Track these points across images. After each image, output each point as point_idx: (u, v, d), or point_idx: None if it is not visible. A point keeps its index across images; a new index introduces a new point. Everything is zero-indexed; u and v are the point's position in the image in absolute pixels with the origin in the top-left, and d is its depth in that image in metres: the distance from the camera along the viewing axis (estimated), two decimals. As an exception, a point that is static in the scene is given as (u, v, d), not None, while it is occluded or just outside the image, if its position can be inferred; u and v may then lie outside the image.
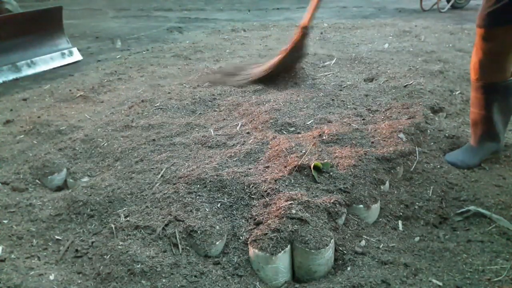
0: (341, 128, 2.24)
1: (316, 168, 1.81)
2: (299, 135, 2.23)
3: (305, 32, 3.22)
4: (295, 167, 1.83)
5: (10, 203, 1.87)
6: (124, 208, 1.75)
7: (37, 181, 2.11)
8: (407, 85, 2.92)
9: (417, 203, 1.77)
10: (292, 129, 2.35)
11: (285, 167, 1.87)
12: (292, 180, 1.79)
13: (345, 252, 1.51)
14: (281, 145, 2.07)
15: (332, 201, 1.63)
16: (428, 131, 2.25)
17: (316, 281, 1.45)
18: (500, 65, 1.89)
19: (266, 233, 1.50)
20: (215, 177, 1.85)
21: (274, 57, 3.34)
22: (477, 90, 1.98)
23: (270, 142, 2.16)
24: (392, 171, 1.90)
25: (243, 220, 1.65)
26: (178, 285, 1.38)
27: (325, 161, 1.87)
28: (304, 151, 1.97)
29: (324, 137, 2.14)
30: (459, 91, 2.89)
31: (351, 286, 1.35)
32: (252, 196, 1.75)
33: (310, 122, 2.41)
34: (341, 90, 3.01)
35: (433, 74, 3.16)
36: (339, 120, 2.42)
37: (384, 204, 1.75)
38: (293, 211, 1.55)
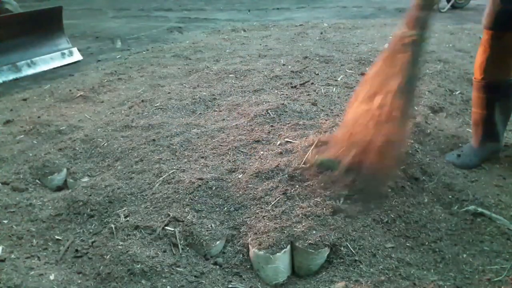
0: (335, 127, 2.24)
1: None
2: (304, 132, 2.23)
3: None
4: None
5: (10, 203, 1.87)
6: (124, 208, 1.75)
7: (37, 181, 2.11)
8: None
9: (417, 203, 1.77)
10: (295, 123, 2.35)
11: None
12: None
13: (344, 249, 1.50)
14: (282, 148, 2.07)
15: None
16: (428, 131, 2.25)
17: (316, 276, 1.45)
18: (507, 63, 1.89)
19: (266, 233, 1.50)
20: (215, 177, 1.85)
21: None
22: (480, 90, 1.97)
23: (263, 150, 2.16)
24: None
25: (243, 220, 1.65)
26: (178, 285, 1.39)
27: (328, 158, 1.88)
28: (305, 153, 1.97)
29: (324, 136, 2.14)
30: (459, 91, 2.89)
31: (352, 283, 1.35)
32: (251, 197, 1.76)
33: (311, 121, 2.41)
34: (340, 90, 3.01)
35: (433, 74, 3.16)
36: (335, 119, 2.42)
37: (384, 203, 1.75)
38: (293, 213, 1.56)
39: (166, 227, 1.58)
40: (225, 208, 1.73)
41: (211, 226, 1.60)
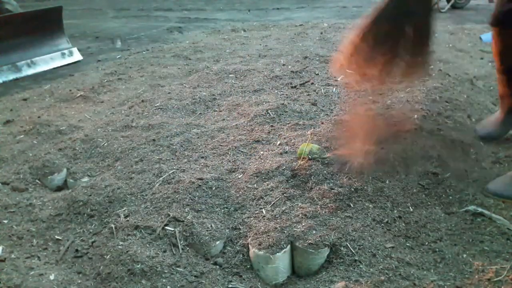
0: (335, 127, 2.24)
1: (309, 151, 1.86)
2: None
3: None
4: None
5: (10, 203, 1.87)
6: (124, 208, 1.75)
7: (37, 181, 2.11)
8: (407, 85, 2.91)
9: (417, 203, 1.77)
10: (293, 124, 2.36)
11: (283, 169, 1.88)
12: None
13: (344, 249, 1.51)
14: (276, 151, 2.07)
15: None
16: (428, 131, 2.25)
17: (316, 276, 1.45)
18: None
19: (266, 233, 1.50)
20: (215, 177, 1.85)
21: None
22: (500, 72, 2.14)
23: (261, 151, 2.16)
24: (393, 170, 1.90)
25: (243, 220, 1.65)
26: (178, 285, 1.39)
27: (319, 147, 1.91)
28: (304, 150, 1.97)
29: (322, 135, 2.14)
30: (459, 91, 2.89)
31: (352, 283, 1.35)
32: (251, 197, 1.76)
33: (308, 121, 2.41)
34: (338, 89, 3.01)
35: (433, 74, 3.16)
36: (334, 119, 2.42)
37: (384, 203, 1.75)
38: (293, 213, 1.56)
39: (166, 227, 1.59)
40: (225, 208, 1.73)
41: (211, 226, 1.60)
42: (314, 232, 1.51)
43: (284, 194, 1.72)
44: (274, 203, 1.67)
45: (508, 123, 2.23)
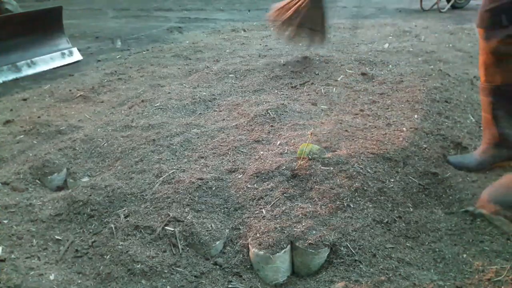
0: (335, 127, 2.24)
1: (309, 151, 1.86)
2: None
3: None
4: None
5: (10, 203, 1.87)
6: (124, 208, 1.75)
7: (37, 181, 2.11)
8: (407, 85, 2.92)
9: (417, 203, 1.77)
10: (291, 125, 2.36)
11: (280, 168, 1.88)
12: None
13: (344, 249, 1.51)
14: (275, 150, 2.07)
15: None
16: (427, 131, 2.25)
17: (316, 276, 1.45)
18: (504, 66, 1.79)
19: (266, 233, 1.50)
20: (215, 177, 1.85)
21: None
22: (483, 92, 1.91)
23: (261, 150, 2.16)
24: (392, 170, 1.90)
25: (243, 220, 1.65)
26: (178, 285, 1.39)
27: (319, 147, 1.91)
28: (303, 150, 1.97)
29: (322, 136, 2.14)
30: (459, 91, 2.89)
31: (352, 283, 1.35)
32: (251, 197, 1.76)
33: (309, 121, 2.41)
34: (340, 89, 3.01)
35: (433, 74, 3.16)
36: (334, 119, 2.42)
37: (384, 203, 1.75)
38: (293, 213, 1.56)
39: (166, 227, 1.59)
40: (225, 208, 1.73)
41: (211, 226, 1.60)
42: (314, 232, 1.51)
43: (284, 194, 1.72)
44: (274, 203, 1.67)
45: (488, 157, 1.95)
